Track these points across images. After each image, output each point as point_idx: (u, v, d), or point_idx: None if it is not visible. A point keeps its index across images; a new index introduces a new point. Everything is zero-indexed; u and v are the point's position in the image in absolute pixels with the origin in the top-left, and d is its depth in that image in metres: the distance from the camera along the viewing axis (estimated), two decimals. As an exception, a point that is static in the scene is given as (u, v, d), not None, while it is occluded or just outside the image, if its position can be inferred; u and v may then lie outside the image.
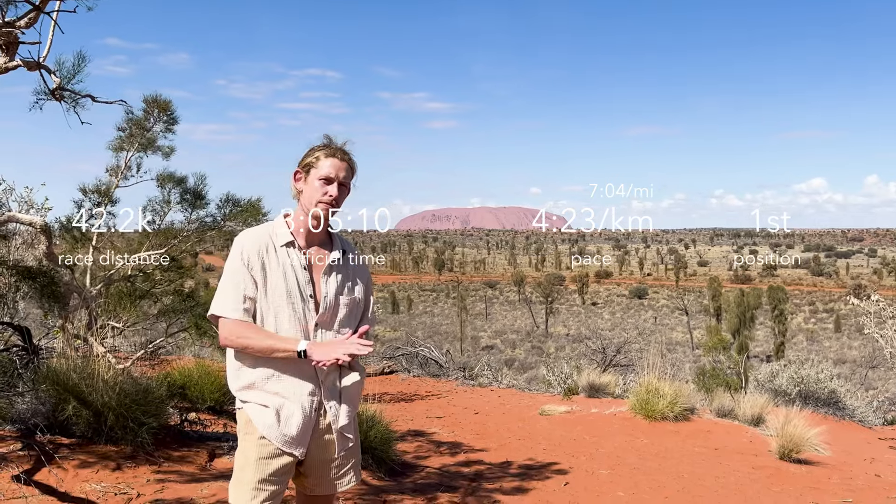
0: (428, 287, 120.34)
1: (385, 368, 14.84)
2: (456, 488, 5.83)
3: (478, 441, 8.01)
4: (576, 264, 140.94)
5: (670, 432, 8.62)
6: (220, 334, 2.62)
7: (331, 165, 2.65)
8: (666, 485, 6.35)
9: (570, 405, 10.45)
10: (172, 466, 5.29)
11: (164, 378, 6.66)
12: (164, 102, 7.15)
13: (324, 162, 2.66)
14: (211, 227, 7.22)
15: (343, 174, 2.67)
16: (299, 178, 2.72)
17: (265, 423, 2.60)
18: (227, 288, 2.61)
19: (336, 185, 2.65)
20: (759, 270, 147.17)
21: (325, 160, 2.66)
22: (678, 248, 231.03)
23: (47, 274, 4.94)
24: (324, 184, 2.65)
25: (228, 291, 2.60)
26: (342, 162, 2.68)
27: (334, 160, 2.66)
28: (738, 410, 9.67)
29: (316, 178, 2.66)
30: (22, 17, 3.98)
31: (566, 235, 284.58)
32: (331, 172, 2.65)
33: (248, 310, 2.59)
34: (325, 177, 2.65)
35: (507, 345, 53.00)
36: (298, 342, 2.54)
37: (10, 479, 4.42)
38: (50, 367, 5.31)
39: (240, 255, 2.62)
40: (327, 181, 2.65)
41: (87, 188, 6.87)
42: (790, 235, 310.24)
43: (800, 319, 76.12)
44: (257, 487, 2.59)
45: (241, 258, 2.62)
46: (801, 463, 7.49)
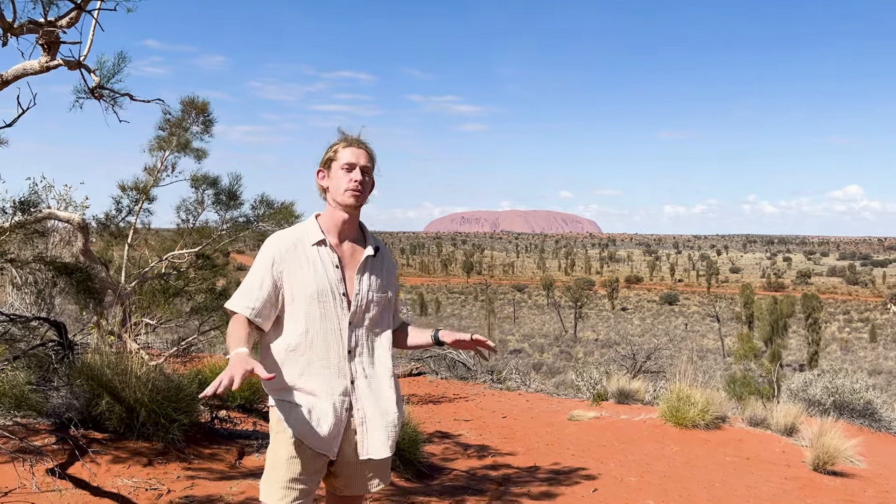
0: (456, 289, 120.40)
1: (413, 370, 14.84)
2: (483, 492, 5.80)
3: (505, 445, 7.97)
4: (606, 269, 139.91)
5: (701, 440, 8.50)
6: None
7: (350, 153, 2.68)
8: (696, 494, 6.27)
9: (599, 411, 10.36)
10: (202, 464, 5.34)
11: (196, 375, 6.72)
12: (202, 104, 7.23)
13: (343, 152, 2.69)
14: (244, 228, 7.28)
15: (363, 161, 2.68)
16: (322, 175, 2.74)
17: (296, 423, 2.60)
18: (247, 285, 2.64)
19: (359, 170, 2.67)
20: (792, 278, 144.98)
21: (345, 150, 2.69)
22: (710, 254, 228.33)
23: (83, 270, 5.02)
24: (347, 171, 2.67)
25: (244, 288, 2.64)
26: (361, 150, 2.70)
27: (353, 149, 2.69)
28: (770, 419, 9.51)
29: (338, 168, 2.68)
30: (63, 15, 4.05)
31: (596, 240, 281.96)
32: (352, 159, 2.67)
33: (257, 309, 2.59)
34: (347, 164, 2.67)
35: (536, 349, 52.79)
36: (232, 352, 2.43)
37: (44, 473, 4.49)
38: (84, 363, 5.39)
39: (266, 254, 2.65)
40: (350, 168, 2.67)
41: (126, 185, 6.97)
42: (825, 243, 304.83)
43: (834, 328, 74.83)
44: (288, 486, 2.59)
45: (267, 258, 2.64)
46: (835, 475, 7.34)
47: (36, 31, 4.06)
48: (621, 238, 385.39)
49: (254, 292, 2.60)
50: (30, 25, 4.03)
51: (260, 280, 2.61)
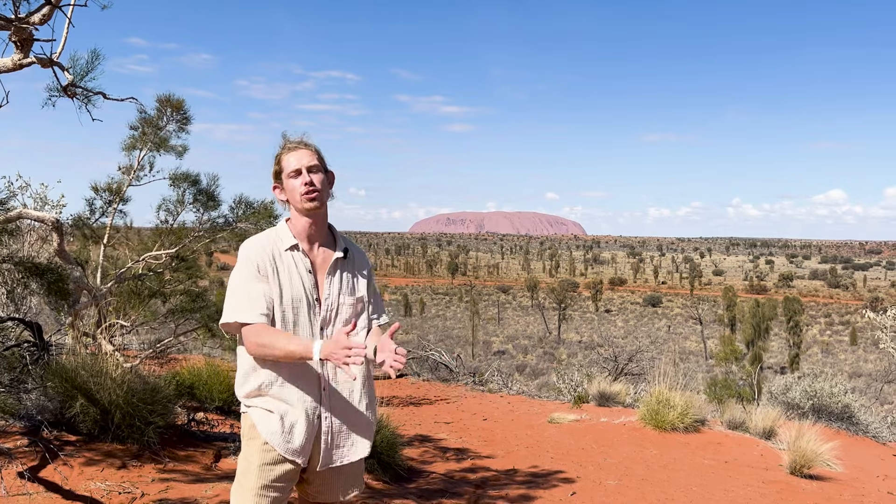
0: (441, 290, 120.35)
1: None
2: (460, 495, 5.78)
3: (485, 448, 7.97)
4: (590, 271, 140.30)
5: (680, 444, 8.53)
6: (245, 343, 2.56)
7: (294, 158, 2.64)
8: (674, 497, 6.28)
9: (579, 413, 10.38)
10: (178, 466, 5.28)
11: (173, 377, 6.67)
12: (177, 102, 7.16)
13: (286, 159, 2.65)
14: (223, 228, 7.22)
15: (307, 160, 2.63)
16: (278, 189, 2.70)
17: (269, 430, 2.57)
18: (240, 294, 2.57)
19: (306, 172, 2.62)
20: (774, 281, 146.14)
21: (287, 156, 2.65)
22: (693, 257, 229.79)
23: (55, 271, 4.95)
24: (295, 177, 2.63)
25: (243, 297, 2.56)
26: (302, 150, 2.65)
27: (294, 153, 2.65)
28: (749, 423, 9.57)
29: (286, 178, 2.64)
30: (34, 11, 3.99)
31: (581, 241, 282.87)
32: (295, 164, 2.63)
33: (267, 314, 2.55)
34: (293, 171, 2.63)
35: (519, 350, 52.87)
36: (312, 349, 2.43)
37: (15, 476, 4.43)
38: (58, 364, 5.32)
39: (248, 261, 2.60)
40: (297, 173, 2.63)
41: (99, 187, 6.89)
42: (807, 246, 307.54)
43: (815, 331, 75.46)
44: (259, 493, 2.56)
45: (251, 264, 2.60)
46: (812, 478, 7.39)
47: (7, 27, 4.00)
48: (606, 240, 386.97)
49: (255, 296, 2.56)
50: (0, 22, 3.97)
51: (255, 284, 2.57)
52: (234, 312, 2.56)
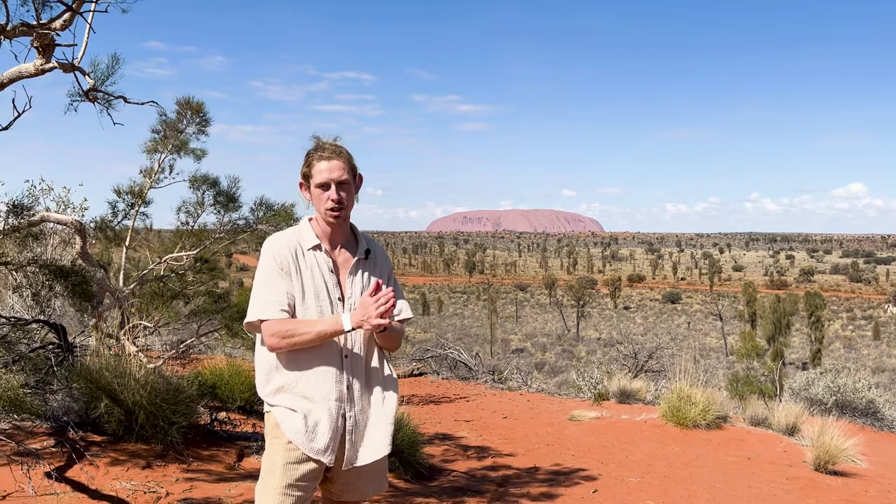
0: (458, 289, 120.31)
1: (414, 370, 14.84)
2: (482, 493, 5.79)
3: (506, 446, 7.96)
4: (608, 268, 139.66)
5: (702, 440, 8.48)
6: (265, 339, 2.57)
7: (324, 170, 2.61)
8: (697, 494, 6.25)
9: (600, 411, 10.34)
10: (201, 465, 5.33)
11: (195, 377, 6.72)
12: (197, 104, 7.21)
13: (317, 167, 2.63)
14: (244, 230, 7.26)
15: (337, 174, 2.62)
16: (304, 188, 2.71)
17: (293, 429, 2.58)
18: (262, 292, 2.59)
19: (334, 188, 2.62)
20: (795, 276, 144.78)
21: (318, 164, 2.63)
22: (713, 253, 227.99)
23: (79, 273, 5.01)
24: (322, 191, 2.63)
25: (265, 294, 2.59)
26: (334, 161, 2.63)
27: (326, 163, 2.62)
28: (772, 419, 9.49)
29: (314, 186, 2.64)
30: (56, 17, 4.03)
31: (598, 238, 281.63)
32: (325, 178, 2.61)
33: (287, 310, 2.57)
34: (321, 184, 2.62)
35: (538, 348, 52.74)
36: (341, 321, 2.52)
37: (42, 476, 4.48)
38: (83, 365, 5.38)
39: (272, 259, 2.62)
40: (325, 187, 2.62)
41: (121, 189, 6.96)
42: (828, 241, 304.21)
43: (837, 326, 74.65)
44: (283, 492, 2.57)
45: (274, 262, 2.61)
46: (837, 475, 7.32)
47: (29, 33, 4.06)
48: (623, 237, 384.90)
49: (277, 293, 2.58)
50: (22, 28, 4.02)
51: (277, 281, 2.59)
52: (255, 311, 2.58)
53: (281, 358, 2.61)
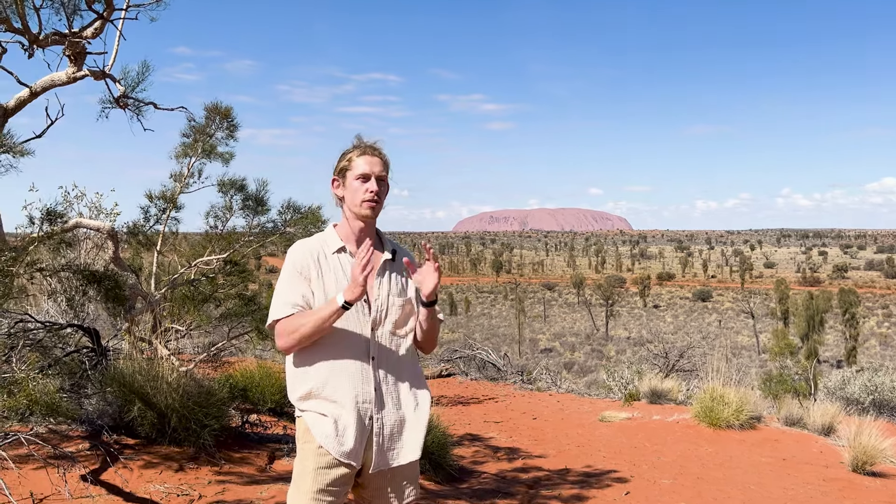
0: (486, 289, 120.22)
1: (443, 371, 14.83)
2: (513, 495, 5.76)
3: (536, 447, 7.92)
4: (637, 266, 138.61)
5: (735, 441, 8.36)
6: (276, 342, 2.61)
7: (365, 162, 2.65)
8: (731, 496, 6.16)
9: (630, 411, 10.25)
10: (233, 468, 5.36)
11: (226, 380, 6.78)
12: (226, 109, 7.27)
13: (357, 161, 2.66)
14: (272, 233, 7.30)
15: (378, 169, 2.66)
16: (337, 184, 2.72)
17: (323, 433, 2.58)
18: (277, 296, 2.63)
19: (374, 180, 2.65)
20: (828, 272, 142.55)
21: (359, 159, 2.66)
22: (743, 250, 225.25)
23: (112, 278, 5.07)
24: (362, 181, 2.65)
25: (280, 297, 2.62)
26: (375, 158, 2.67)
27: (368, 157, 2.66)
28: (807, 419, 9.33)
29: (353, 178, 2.66)
30: (87, 26, 4.08)
31: (627, 236, 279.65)
32: (366, 169, 2.64)
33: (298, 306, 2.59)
34: (362, 174, 2.65)
35: (567, 348, 52.53)
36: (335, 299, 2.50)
37: (77, 479, 4.54)
38: (116, 369, 5.44)
39: (292, 265, 2.64)
40: (365, 178, 2.65)
41: (153, 194, 7.04)
42: (862, 236, 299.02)
43: (872, 323, 73.37)
44: (315, 497, 2.56)
45: (294, 267, 2.64)
46: (875, 476, 7.17)
47: (61, 42, 4.11)
48: (652, 234, 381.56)
49: (291, 295, 2.60)
50: (54, 37, 4.08)
51: (294, 285, 2.61)
52: (271, 315, 2.62)
53: (307, 362, 2.62)
